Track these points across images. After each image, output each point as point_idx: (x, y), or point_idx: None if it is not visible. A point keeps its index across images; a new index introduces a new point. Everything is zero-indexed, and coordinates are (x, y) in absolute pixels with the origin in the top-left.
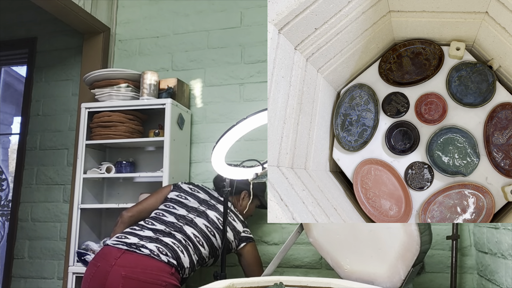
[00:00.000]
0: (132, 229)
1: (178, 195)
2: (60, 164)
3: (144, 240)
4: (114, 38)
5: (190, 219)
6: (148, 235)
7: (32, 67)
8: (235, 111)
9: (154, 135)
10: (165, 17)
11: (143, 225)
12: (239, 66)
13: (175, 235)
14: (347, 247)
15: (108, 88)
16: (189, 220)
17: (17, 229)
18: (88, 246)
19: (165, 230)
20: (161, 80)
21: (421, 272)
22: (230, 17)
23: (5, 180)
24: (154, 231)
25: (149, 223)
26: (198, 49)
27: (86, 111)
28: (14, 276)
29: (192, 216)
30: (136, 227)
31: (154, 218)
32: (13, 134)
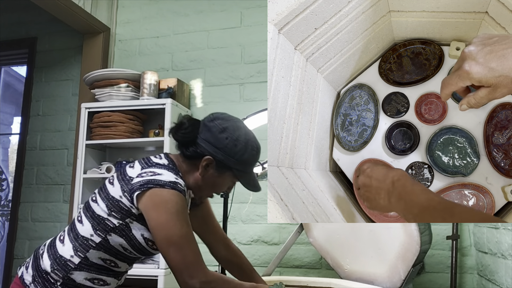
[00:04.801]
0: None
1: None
2: (60, 164)
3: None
4: (114, 38)
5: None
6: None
7: (32, 67)
8: (235, 111)
9: (154, 135)
10: (165, 17)
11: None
12: (239, 66)
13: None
14: (347, 247)
15: (108, 88)
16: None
17: (17, 229)
18: None
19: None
20: (161, 80)
21: (421, 272)
22: (230, 17)
23: (5, 180)
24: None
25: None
26: (198, 49)
27: (86, 111)
28: (14, 276)
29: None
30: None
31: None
32: (13, 134)
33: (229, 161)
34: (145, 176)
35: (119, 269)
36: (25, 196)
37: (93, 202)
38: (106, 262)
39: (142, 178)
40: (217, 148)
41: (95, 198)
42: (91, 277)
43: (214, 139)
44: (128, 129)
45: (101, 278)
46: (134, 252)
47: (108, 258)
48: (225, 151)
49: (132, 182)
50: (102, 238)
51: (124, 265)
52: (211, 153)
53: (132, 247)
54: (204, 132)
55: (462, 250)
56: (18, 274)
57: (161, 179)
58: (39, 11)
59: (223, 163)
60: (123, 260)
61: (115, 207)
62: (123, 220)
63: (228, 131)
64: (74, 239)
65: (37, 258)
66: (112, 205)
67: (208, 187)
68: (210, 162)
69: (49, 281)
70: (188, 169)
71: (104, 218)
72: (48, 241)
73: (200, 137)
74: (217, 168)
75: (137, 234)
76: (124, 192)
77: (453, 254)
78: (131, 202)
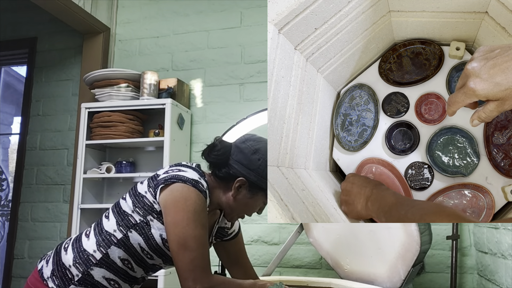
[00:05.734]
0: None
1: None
2: (60, 164)
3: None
4: (114, 38)
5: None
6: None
7: (32, 67)
8: (235, 111)
9: (154, 135)
10: (165, 17)
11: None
12: (239, 66)
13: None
14: (347, 247)
15: (108, 88)
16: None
17: (17, 229)
18: None
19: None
20: (161, 80)
21: (421, 272)
22: (230, 17)
23: (5, 180)
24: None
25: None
26: (198, 49)
27: (86, 111)
28: (14, 276)
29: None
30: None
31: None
32: (13, 134)
33: (262, 182)
34: (170, 172)
35: (134, 273)
36: (25, 196)
37: (122, 199)
38: (124, 262)
39: (167, 174)
40: (250, 170)
41: (125, 196)
42: (108, 277)
43: (247, 161)
44: (128, 129)
45: (117, 281)
46: (151, 253)
47: (126, 258)
48: (258, 172)
49: (158, 178)
50: (123, 234)
51: (140, 270)
52: (244, 174)
53: (149, 247)
54: (236, 153)
55: (462, 250)
56: (38, 267)
57: (185, 175)
58: (39, 11)
59: (256, 184)
60: (140, 264)
61: (139, 203)
62: (144, 217)
63: (260, 152)
64: (98, 234)
65: (58, 252)
66: (137, 200)
67: (240, 207)
68: (243, 183)
69: (67, 276)
70: (220, 189)
71: (128, 214)
72: (74, 236)
73: (233, 159)
74: (250, 189)
75: (156, 233)
76: (149, 187)
77: (453, 254)
78: (154, 197)
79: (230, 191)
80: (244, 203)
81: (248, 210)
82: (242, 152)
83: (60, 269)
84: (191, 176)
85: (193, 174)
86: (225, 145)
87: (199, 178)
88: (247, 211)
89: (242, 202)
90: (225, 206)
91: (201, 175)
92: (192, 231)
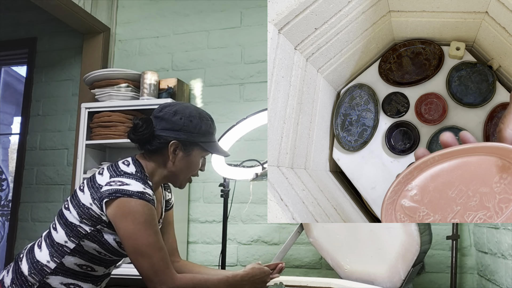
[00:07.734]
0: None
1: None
2: (60, 164)
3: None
4: (114, 38)
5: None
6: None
7: (32, 67)
8: (235, 111)
9: None
10: (165, 17)
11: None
12: (239, 66)
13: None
14: (347, 247)
15: (108, 88)
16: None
17: (17, 229)
18: None
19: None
20: (161, 80)
21: (421, 272)
22: (230, 17)
23: (5, 180)
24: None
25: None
26: (198, 49)
27: (86, 111)
28: None
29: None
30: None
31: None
32: (13, 134)
33: (193, 137)
34: (113, 185)
35: (96, 273)
36: (25, 196)
37: (66, 209)
38: (82, 267)
39: (111, 187)
40: (177, 131)
41: (68, 206)
42: (66, 282)
43: (171, 124)
44: (128, 129)
45: (77, 284)
46: (109, 255)
47: (84, 264)
48: (185, 129)
49: (101, 190)
50: (76, 244)
51: (101, 268)
52: (174, 137)
53: (106, 251)
54: (158, 123)
55: (462, 250)
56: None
57: (129, 189)
58: (39, 11)
59: (188, 141)
60: (100, 264)
61: (85, 215)
62: (94, 226)
63: (180, 112)
64: (50, 245)
65: (17, 262)
66: (83, 212)
67: (183, 170)
68: (176, 145)
69: (27, 283)
70: (158, 163)
71: (76, 225)
72: (28, 246)
73: (157, 129)
74: (185, 148)
75: (109, 238)
76: (94, 199)
77: (453, 254)
78: (100, 209)
79: (168, 160)
80: (184, 164)
81: (191, 169)
82: (163, 119)
83: (19, 277)
84: (135, 189)
85: (137, 186)
86: (146, 120)
87: (143, 188)
88: (191, 171)
89: (183, 164)
90: (170, 176)
91: (144, 181)
92: (145, 239)
